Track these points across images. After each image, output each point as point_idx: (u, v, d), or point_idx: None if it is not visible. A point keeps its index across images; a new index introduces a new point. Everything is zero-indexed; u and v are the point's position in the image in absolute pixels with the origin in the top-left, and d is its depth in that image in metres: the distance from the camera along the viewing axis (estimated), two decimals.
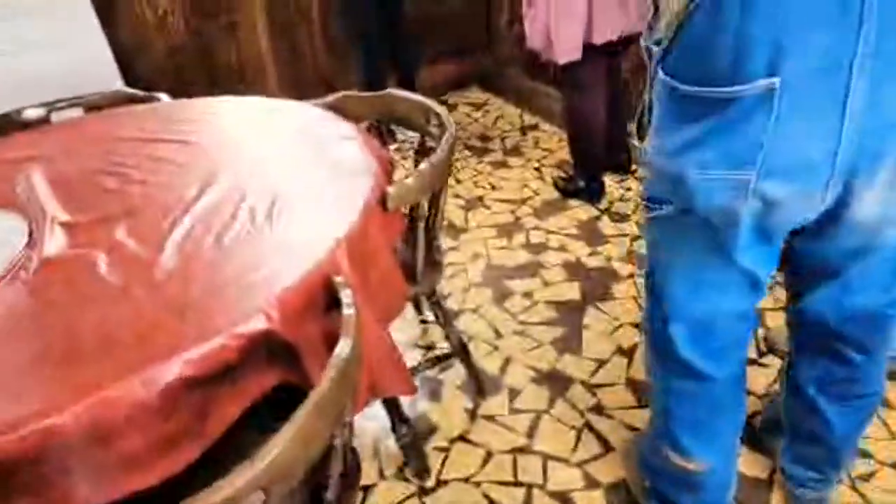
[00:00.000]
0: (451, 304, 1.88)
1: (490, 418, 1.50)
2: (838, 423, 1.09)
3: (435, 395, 1.57)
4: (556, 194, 2.44)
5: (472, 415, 1.51)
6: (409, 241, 1.32)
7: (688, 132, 0.77)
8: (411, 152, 2.81)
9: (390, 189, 1.08)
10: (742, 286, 0.93)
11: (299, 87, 3.05)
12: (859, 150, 0.72)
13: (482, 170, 2.70)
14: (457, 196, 2.50)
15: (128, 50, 2.59)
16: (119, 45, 2.55)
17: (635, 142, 0.96)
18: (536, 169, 2.65)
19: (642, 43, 0.86)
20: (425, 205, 1.26)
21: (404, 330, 1.76)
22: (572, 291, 1.89)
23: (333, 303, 0.89)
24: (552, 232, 2.20)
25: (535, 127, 3.04)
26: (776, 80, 0.68)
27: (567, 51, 1.98)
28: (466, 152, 2.86)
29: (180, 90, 2.76)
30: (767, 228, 0.84)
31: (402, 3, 2.76)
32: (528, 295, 1.90)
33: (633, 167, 2.50)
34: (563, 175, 2.50)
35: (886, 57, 0.66)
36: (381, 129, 1.54)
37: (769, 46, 0.67)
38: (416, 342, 1.76)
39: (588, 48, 1.97)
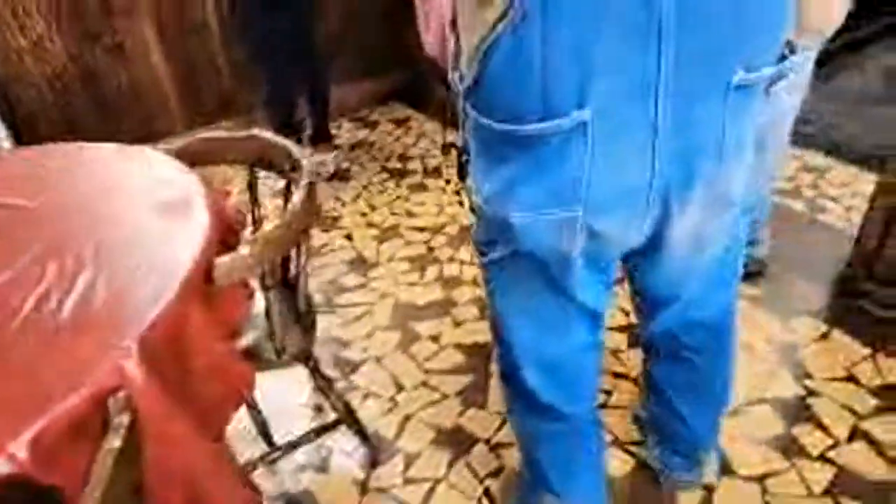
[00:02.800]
0: (353, 353, 1.73)
1: (382, 490, 1.35)
2: (696, 425, 1.18)
3: (321, 467, 1.41)
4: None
5: (363, 487, 1.36)
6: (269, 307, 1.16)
7: (506, 171, 0.73)
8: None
9: (219, 261, 0.92)
10: (584, 320, 0.93)
11: (203, 112, 2.85)
12: (672, 173, 0.71)
13: (400, 194, 2.55)
14: (371, 225, 2.35)
15: (2, 81, 2.35)
16: None
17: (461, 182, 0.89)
18: (456, 192, 2.52)
19: (449, 76, 0.79)
20: (279, 266, 1.12)
21: (292, 391, 1.59)
22: (483, 332, 1.76)
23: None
24: (466, 263, 2.07)
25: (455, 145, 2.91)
26: (587, 112, 0.65)
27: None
28: (384, 175, 2.71)
29: (67, 121, 2.54)
30: (598, 260, 0.84)
31: (311, 18, 2.58)
32: (435, 339, 1.76)
33: None
34: None
35: (689, 78, 0.64)
36: (252, 175, 1.37)
37: (575, 78, 0.63)
38: (308, 402, 1.59)
39: None
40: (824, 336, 1.64)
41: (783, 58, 0.72)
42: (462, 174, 0.85)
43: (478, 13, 0.64)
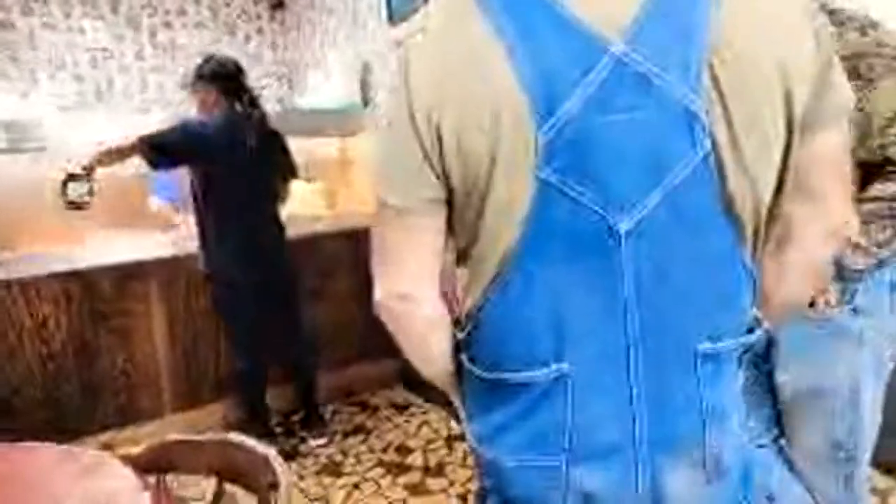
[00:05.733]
0: None
1: None
2: None
3: None
4: None
5: None
6: None
7: (496, 417, 0.77)
8: None
9: None
10: None
11: (194, 395, 2.72)
12: (654, 434, 0.72)
13: (394, 496, 2.24)
14: None
15: None
16: None
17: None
18: (461, 496, 2.22)
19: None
20: None
21: None
22: None
23: None
24: None
25: (463, 437, 2.69)
26: (565, 366, 0.70)
27: None
28: (380, 469, 2.43)
29: (49, 400, 2.40)
30: None
31: (296, 305, 2.60)
32: None
33: None
34: None
35: (657, 345, 0.70)
36: (219, 489, 1.16)
37: (552, 333, 0.70)
38: None
39: None
40: None
41: (751, 330, 0.76)
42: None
43: (470, 285, 0.74)
